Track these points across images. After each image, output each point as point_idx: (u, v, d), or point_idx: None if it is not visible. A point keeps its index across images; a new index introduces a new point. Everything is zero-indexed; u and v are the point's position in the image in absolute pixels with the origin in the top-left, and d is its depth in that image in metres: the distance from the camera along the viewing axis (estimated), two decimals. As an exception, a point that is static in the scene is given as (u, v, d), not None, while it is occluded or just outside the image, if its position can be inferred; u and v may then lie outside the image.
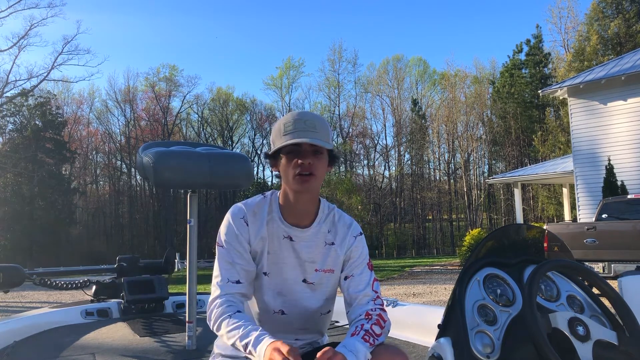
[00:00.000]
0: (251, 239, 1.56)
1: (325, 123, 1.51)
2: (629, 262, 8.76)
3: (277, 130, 1.49)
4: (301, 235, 1.56)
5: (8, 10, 34.43)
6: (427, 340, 2.56)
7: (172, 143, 3.19)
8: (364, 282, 1.59)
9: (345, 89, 58.60)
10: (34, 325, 3.21)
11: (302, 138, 1.43)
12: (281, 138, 1.46)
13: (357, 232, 1.63)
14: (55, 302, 10.68)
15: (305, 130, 1.44)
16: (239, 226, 1.55)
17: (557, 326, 1.38)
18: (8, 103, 38.98)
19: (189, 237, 2.97)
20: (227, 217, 1.59)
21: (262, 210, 1.58)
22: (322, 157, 1.49)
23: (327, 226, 1.60)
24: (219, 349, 1.67)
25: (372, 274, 1.63)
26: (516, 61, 42.66)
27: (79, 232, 47.13)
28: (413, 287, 12.62)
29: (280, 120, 1.51)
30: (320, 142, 1.44)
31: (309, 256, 1.57)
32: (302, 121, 1.46)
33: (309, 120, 1.47)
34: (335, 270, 1.61)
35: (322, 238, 1.59)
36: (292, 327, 1.62)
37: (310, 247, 1.57)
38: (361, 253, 1.62)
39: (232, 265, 1.54)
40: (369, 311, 1.54)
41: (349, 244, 1.61)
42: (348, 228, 1.62)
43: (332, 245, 1.59)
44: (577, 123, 16.18)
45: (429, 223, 50.05)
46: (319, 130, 1.46)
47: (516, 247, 1.69)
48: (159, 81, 52.20)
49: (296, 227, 1.56)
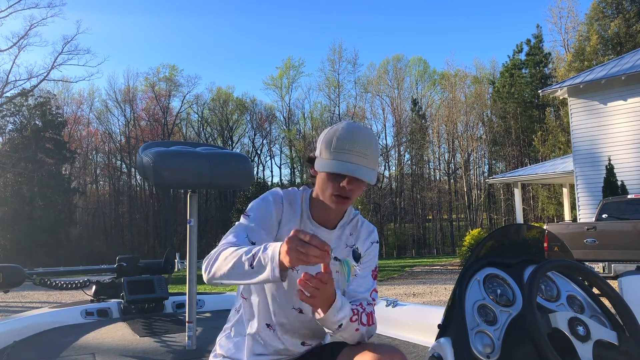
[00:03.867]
0: (282, 222, 1.55)
1: (377, 147, 1.47)
2: (629, 262, 8.76)
3: (328, 140, 1.45)
4: (327, 236, 1.56)
5: (8, 10, 34.49)
6: (427, 340, 2.55)
7: (172, 143, 3.19)
8: (365, 287, 1.60)
9: (345, 89, 58.64)
10: (34, 325, 3.20)
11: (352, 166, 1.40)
12: (331, 153, 1.42)
13: (375, 239, 1.65)
14: (55, 302, 10.68)
15: (359, 155, 1.41)
16: (276, 206, 1.54)
17: (557, 326, 1.38)
18: (8, 103, 38.98)
19: (189, 237, 2.97)
20: (265, 195, 1.57)
21: (296, 203, 1.58)
22: (363, 183, 1.46)
23: (350, 229, 1.62)
24: (220, 349, 1.67)
25: (374, 282, 1.63)
26: (516, 61, 42.66)
27: (79, 232, 47.12)
28: (413, 287, 12.62)
29: (335, 130, 1.46)
30: (368, 179, 1.41)
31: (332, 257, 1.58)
32: (357, 143, 1.41)
33: (364, 143, 1.42)
34: None
35: (345, 240, 1.61)
36: (305, 326, 1.60)
37: (334, 249, 1.57)
38: (372, 259, 1.64)
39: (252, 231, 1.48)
40: (364, 305, 1.55)
41: (367, 248, 1.63)
42: (370, 234, 1.64)
43: (352, 248, 1.61)
44: (577, 123, 16.18)
45: (429, 223, 50.04)
46: (370, 157, 1.43)
47: (516, 247, 1.69)
48: (159, 81, 52.27)
49: (323, 227, 1.57)
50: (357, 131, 1.44)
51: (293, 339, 1.61)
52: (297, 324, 1.59)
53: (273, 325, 1.59)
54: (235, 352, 1.62)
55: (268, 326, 1.60)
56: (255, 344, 1.60)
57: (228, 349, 1.64)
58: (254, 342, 1.60)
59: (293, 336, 1.61)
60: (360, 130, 1.45)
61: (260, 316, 1.60)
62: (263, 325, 1.60)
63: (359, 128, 1.46)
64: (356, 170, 1.40)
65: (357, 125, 1.47)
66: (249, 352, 1.60)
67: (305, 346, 1.64)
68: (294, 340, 1.62)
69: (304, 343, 1.64)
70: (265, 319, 1.60)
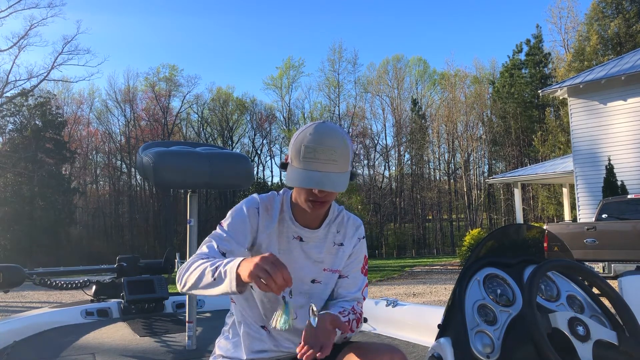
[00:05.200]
0: (259, 230, 1.55)
1: (346, 149, 1.43)
2: (629, 262, 8.76)
3: (297, 148, 1.42)
4: (311, 236, 1.57)
5: (8, 10, 34.43)
6: (427, 340, 2.55)
7: (172, 143, 3.19)
8: (356, 286, 1.62)
9: (345, 89, 58.69)
10: (34, 325, 3.20)
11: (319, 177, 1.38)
12: (300, 162, 1.40)
13: (362, 235, 1.66)
14: (55, 302, 10.67)
15: (327, 163, 1.39)
16: (251, 215, 1.54)
17: (557, 326, 1.38)
18: (8, 103, 38.96)
19: (189, 237, 2.98)
20: (241, 204, 1.58)
21: (274, 208, 1.58)
22: None
23: (336, 227, 1.62)
24: (219, 350, 1.67)
25: (365, 279, 1.65)
26: (516, 61, 42.67)
27: (79, 232, 47.11)
28: (413, 287, 12.62)
29: (302, 136, 1.42)
30: (337, 189, 1.40)
31: (318, 256, 1.58)
32: (325, 151, 1.39)
33: (332, 148, 1.39)
34: (340, 270, 1.63)
35: (332, 239, 1.61)
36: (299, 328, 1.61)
37: (319, 248, 1.58)
38: (360, 256, 1.65)
39: (223, 241, 1.50)
40: (355, 308, 1.59)
41: (354, 244, 1.63)
42: (356, 229, 1.64)
43: (341, 246, 1.61)
44: (577, 123, 16.18)
45: (429, 223, 50.04)
46: (340, 161, 1.41)
47: (516, 247, 1.69)
48: (159, 81, 52.23)
49: (306, 228, 1.57)
50: (325, 136, 1.40)
51: (290, 336, 1.62)
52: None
53: (268, 327, 1.60)
54: (234, 352, 1.62)
55: (263, 327, 1.61)
56: (253, 342, 1.61)
57: (227, 349, 1.64)
58: (251, 341, 1.61)
59: (289, 334, 1.62)
60: (328, 135, 1.41)
61: (253, 319, 1.61)
62: (257, 327, 1.61)
63: (326, 132, 1.41)
64: (323, 182, 1.38)
65: (326, 128, 1.42)
66: (247, 350, 1.60)
67: None
68: (292, 337, 1.62)
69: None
70: (259, 322, 1.61)
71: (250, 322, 1.62)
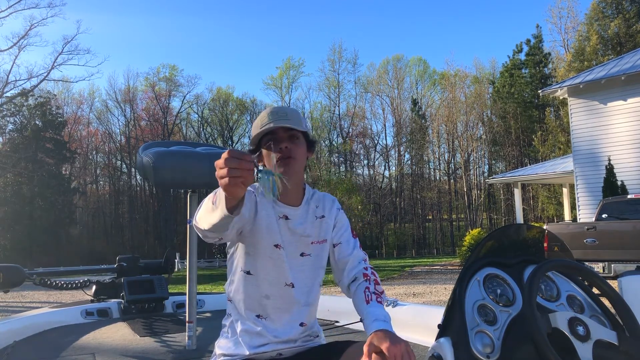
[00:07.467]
0: (258, 207, 1.62)
1: (296, 111, 1.66)
2: (629, 262, 8.77)
3: (255, 127, 1.63)
4: (295, 213, 1.67)
5: (8, 10, 34.49)
6: (427, 340, 2.55)
7: (172, 143, 3.19)
8: (351, 246, 1.74)
9: (345, 89, 58.73)
10: (34, 325, 3.21)
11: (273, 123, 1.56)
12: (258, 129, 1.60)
13: (339, 206, 1.80)
14: (55, 302, 10.68)
15: (278, 119, 1.58)
16: (250, 191, 1.60)
17: (557, 326, 1.38)
18: (8, 103, 38.99)
19: (189, 237, 2.97)
20: None
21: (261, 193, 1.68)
22: (298, 142, 1.62)
23: (314, 202, 1.73)
24: (220, 349, 1.67)
25: (356, 240, 1.77)
26: (516, 61, 42.69)
27: (79, 232, 47.13)
28: (413, 287, 12.63)
29: (257, 119, 1.65)
30: (290, 124, 1.57)
31: (304, 231, 1.68)
32: (274, 113, 1.60)
33: (280, 110, 1.61)
34: (328, 239, 1.73)
35: (313, 213, 1.71)
36: (300, 302, 1.65)
37: (304, 223, 1.68)
38: (345, 222, 1.78)
39: None
40: (365, 272, 1.67)
41: (335, 214, 1.76)
42: (333, 202, 1.79)
43: (323, 218, 1.72)
44: (577, 123, 16.18)
45: (429, 223, 50.07)
46: (291, 117, 1.60)
47: (516, 247, 1.69)
48: (159, 81, 52.29)
49: (289, 206, 1.67)
50: (274, 107, 1.65)
51: (289, 321, 1.63)
52: (290, 299, 1.63)
53: (264, 314, 1.62)
54: (236, 349, 1.63)
55: (259, 317, 1.62)
56: (253, 338, 1.62)
57: (228, 348, 1.65)
58: (250, 337, 1.62)
59: (289, 317, 1.63)
60: (277, 106, 1.63)
61: (249, 310, 1.63)
62: (253, 318, 1.62)
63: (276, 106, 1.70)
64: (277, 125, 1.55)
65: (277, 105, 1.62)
66: (248, 345, 1.61)
67: (302, 327, 1.66)
68: (291, 322, 1.64)
69: (302, 324, 1.65)
70: (255, 311, 1.63)
71: (246, 317, 1.63)
